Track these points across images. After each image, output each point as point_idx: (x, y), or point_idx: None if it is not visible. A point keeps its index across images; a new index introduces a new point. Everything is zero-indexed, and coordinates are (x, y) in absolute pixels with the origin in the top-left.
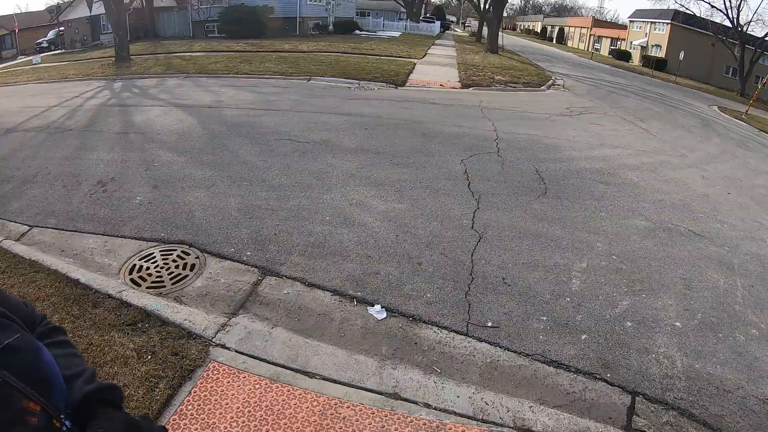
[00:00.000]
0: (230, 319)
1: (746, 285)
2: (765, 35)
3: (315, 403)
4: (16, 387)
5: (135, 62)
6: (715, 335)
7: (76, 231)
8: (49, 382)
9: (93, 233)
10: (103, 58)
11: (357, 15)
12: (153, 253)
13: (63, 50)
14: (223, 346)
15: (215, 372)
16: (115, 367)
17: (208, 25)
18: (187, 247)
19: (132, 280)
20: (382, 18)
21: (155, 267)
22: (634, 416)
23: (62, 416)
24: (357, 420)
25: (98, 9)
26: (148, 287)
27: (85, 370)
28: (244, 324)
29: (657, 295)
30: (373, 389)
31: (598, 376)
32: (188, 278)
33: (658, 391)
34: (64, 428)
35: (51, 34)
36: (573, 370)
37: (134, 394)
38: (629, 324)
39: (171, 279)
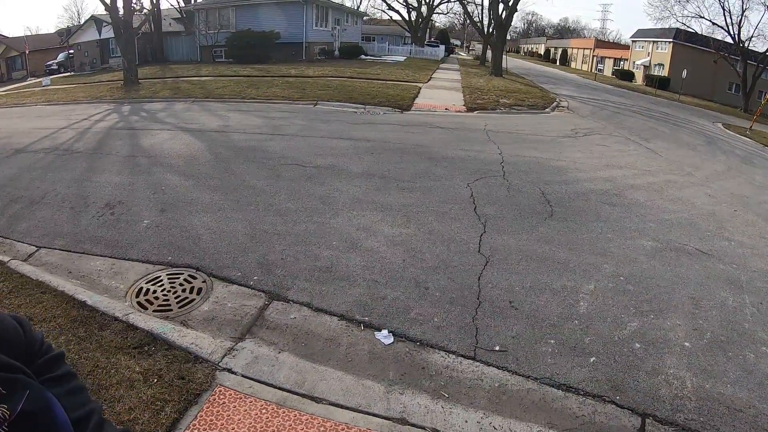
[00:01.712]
0: (237, 343)
1: (755, 302)
2: (766, 50)
3: (322, 429)
4: (43, 413)
5: (143, 86)
6: (725, 354)
7: (83, 253)
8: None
9: (100, 255)
10: (112, 81)
11: (362, 40)
12: (160, 276)
13: (72, 73)
14: (230, 371)
15: (221, 396)
16: (121, 390)
17: (215, 50)
18: (194, 270)
19: (139, 303)
20: (387, 42)
21: (162, 290)
22: None
23: None
24: None
25: (107, 33)
26: (154, 310)
27: (93, 412)
28: (250, 348)
29: (665, 315)
30: (380, 414)
31: (607, 399)
32: (195, 302)
33: (668, 413)
34: None
35: (61, 57)
36: (582, 393)
37: (140, 417)
38: (638, 345)
39: (178, 302)
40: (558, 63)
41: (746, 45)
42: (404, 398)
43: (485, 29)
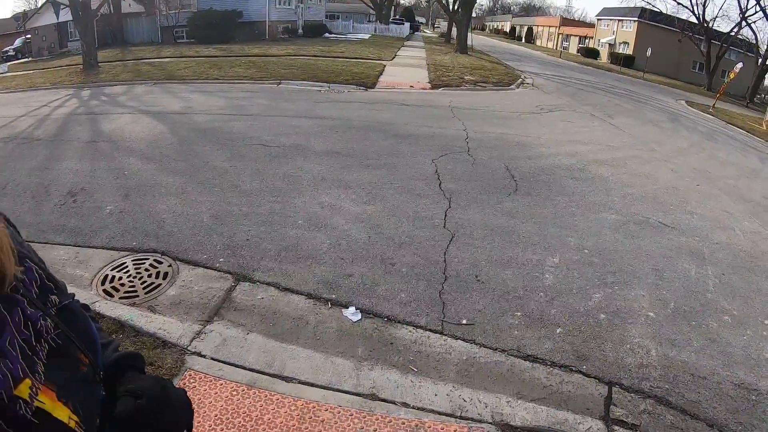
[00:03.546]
0: (205, 326)
1: (717, 273)
2: (730, 31)
3: (293, 408)
4: (73, 340)
5: (103, 69)
6: (689, 323)
7: (46, 243)
8: (96, 344)
9: (64, 244)
10: (71, 65)
11: (326, 18)
12: (125, 262)
13: (30, 58)
14: (199, 354)
15: (192, 380)
16: None
17: (176, 31)
18: (160, 255)
19: (105, 290)
20: (351, 21)
21: (128, 277)
22: (612, 406)
23: (101, 373)
24: (336, 423)
25: (65, 15)
26: (121, 297)
27: (113, 341)
28: (219, 331)
29: (630, 286)
30: (350, 391)
31: (574, 369)
32: (161, 287)
33: (634, 381)
34: (102, 384)
35: (18, 42)
36: (549, 363)
37: None
38: (603, 316)
39: (144, 288)
40: (524, 41)
41: (710, 25)
42: (374, 374)
43: (450, 6)
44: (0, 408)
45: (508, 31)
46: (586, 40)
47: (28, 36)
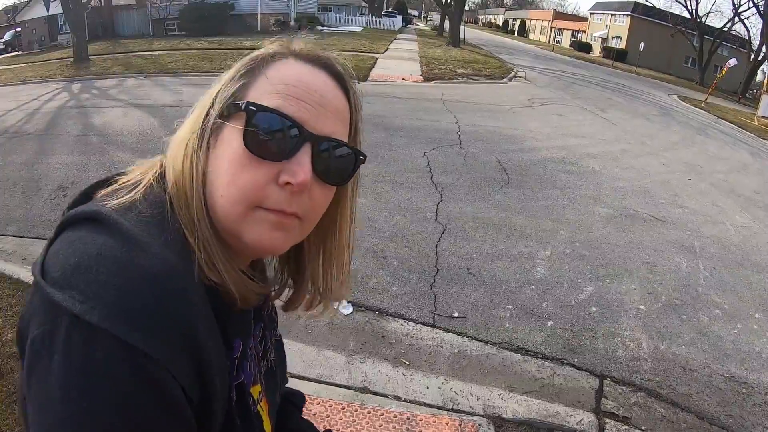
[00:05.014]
0: None
1: (708, 267)
2: (723, 26)
3: None
4: (277, 368)
5: (94, 62)
6: (679, 317)
7: (37, 238)
8: (286, 378)
9: None
10: (62, 58)
11: (319, 10)
12: None
13: (21, 52)
14: None
15: None
16: None
17: (168, 23)
18: None
19: None
20: (343, 13)
21: None
22: (603, 399)
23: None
24: (328, 416)
25: (56, 8)
26: None
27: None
28: None
29: (621, 280)
30: (342, 384)
31: (565, 362)
32: None
33: (625, 374)
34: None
35: (8, 36)
36: (540, 356)
37: None
38: (594, 309)
39: None
40: (516, 34)
41: (703, 20)
42: (365, 367)
43: None
44: (240, 398)
45: (500, 24)
46: (579, 34)
47: (18, 29)
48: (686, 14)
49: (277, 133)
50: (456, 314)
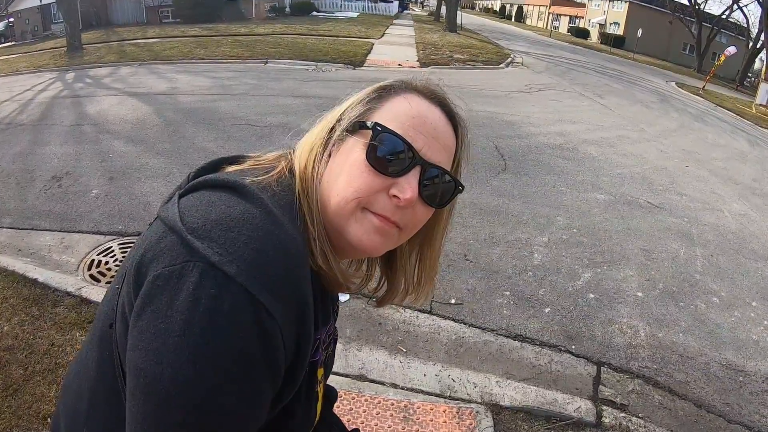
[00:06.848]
0: None
1: (706, 254)
2: (722, 14)
3: None
4: (330, 363)
5: (87, 51)
6: (677, 304)
7: (32, 229)
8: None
9: (49, 230)
10: (55, 48)
11: None
12: (111, 246)
13: (14, 42)
14: None
15: None
16: None
17: (162, 11)
18: None
19: (91, 275)
20: None
21: (114, 261)
22: (600, 386)
23: None
24: None
25: None
26: (107, 282)
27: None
28: None
29: (618, 266)
30: (339, 372)
31: (563, 349)
32: None
33: (622, 361)
34: None
35: (1, 26)
36: (538, 343)
37: None
38: (592, 296)
39: None
40: (513, 20)
41: (702, 7)
42: (362, 355)
43: None
44: (310, 375)
45: (498, 9)
46: (577, 20)
47: (11, 19)
48: (685, 1)
49: (395, 153)
50: (453, 301)
